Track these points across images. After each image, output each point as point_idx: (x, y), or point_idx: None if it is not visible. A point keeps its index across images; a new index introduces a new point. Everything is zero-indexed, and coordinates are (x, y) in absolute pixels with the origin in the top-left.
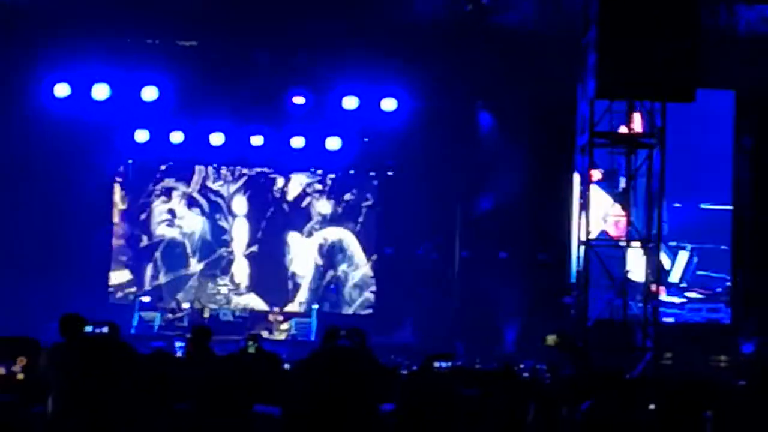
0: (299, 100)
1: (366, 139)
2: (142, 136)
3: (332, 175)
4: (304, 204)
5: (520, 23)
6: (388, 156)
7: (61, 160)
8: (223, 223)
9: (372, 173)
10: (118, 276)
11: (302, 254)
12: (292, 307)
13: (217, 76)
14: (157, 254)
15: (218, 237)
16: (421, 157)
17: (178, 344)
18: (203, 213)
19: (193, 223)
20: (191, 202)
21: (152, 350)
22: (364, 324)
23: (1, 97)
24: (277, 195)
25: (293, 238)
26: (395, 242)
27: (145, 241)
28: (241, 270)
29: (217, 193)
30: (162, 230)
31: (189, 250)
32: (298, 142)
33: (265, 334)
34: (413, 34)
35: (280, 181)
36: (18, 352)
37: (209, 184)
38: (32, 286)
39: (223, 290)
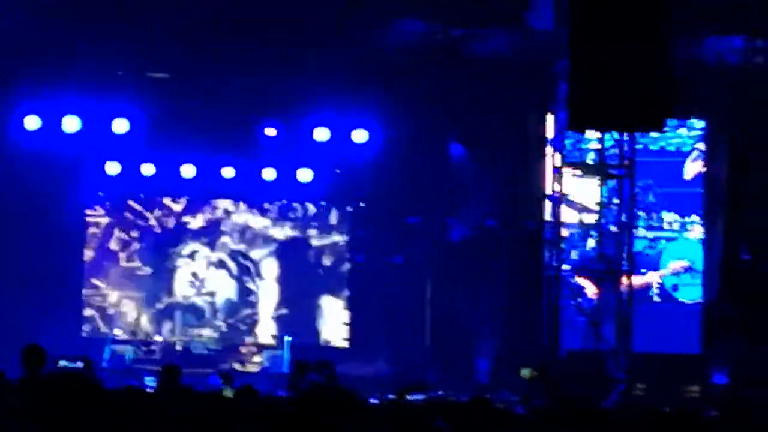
0: (270, 131)
1: (338, 171)
2: (113, 168)
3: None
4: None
5: (491, 53)
6: (360, 187)
7: (31, 193)
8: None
9: (346, 207)
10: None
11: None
12: (263, 339)
13: (187, 108)
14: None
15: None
16: (393, 188)
17: (148, 379)
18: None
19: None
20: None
21: (123, 386)
22: (337, 355)
23: None
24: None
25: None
26: (367, 272)
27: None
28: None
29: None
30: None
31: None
32: (269, 173)
33: (237, 366)
34: (384, 64)
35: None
36: None
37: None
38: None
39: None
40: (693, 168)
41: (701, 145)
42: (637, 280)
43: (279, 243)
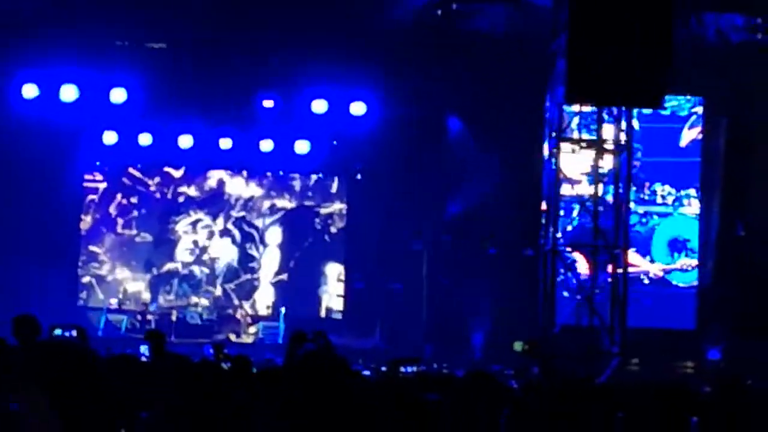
0: (268, 103)
1: (335, 143)
2: (110, 137)
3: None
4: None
5: (489, 29)
6: (357, 160)
7: (28, 162)
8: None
9: (340, 177)
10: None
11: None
12: (259, 310)
13: (186, 79)
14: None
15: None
16: (390, 161)
17: (143, 348)
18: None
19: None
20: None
21: (117, 354)
22: (332, 327)
23: None
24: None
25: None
26: (363, 245)
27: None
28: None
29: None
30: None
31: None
32: (266, 145)
33: (232, 337)
34: (383, 38)
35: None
36: None
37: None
38: None
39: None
40: (689, 135)
41: (699, 109)
42: (637, 264)
43: (280, 211)
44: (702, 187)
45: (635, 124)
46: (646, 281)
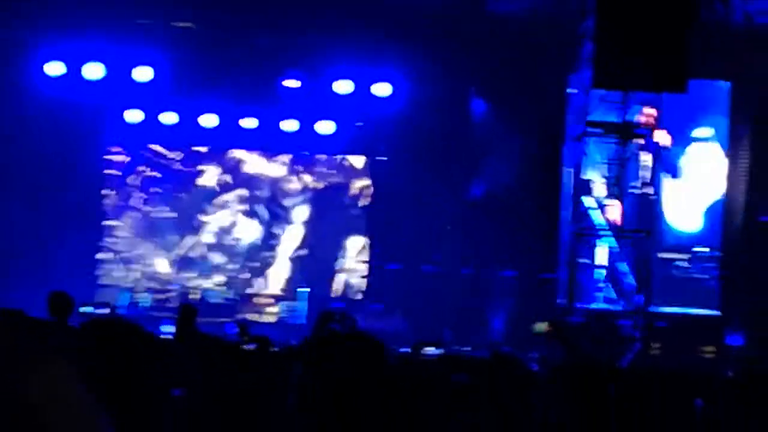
0: (293, 83)
1: (359, 124)
2: (134, 116)
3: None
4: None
5: (516, 11)
6: (381, 141)
7: (52, 139)
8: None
9: (366, 158)
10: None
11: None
12: (280, 289)
13: (210, 58)
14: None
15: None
16: (415, 143)
17: (164, 327)
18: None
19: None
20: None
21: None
22: (354, 308)
23: None
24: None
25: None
26: (386, 227)
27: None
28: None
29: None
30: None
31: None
32: (291, 125)
33: (254, 317)
34: (409, 19)
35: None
36: None
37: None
38: (20, 266)
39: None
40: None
41: None
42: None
43: (304, 191)
44: (728, 174)
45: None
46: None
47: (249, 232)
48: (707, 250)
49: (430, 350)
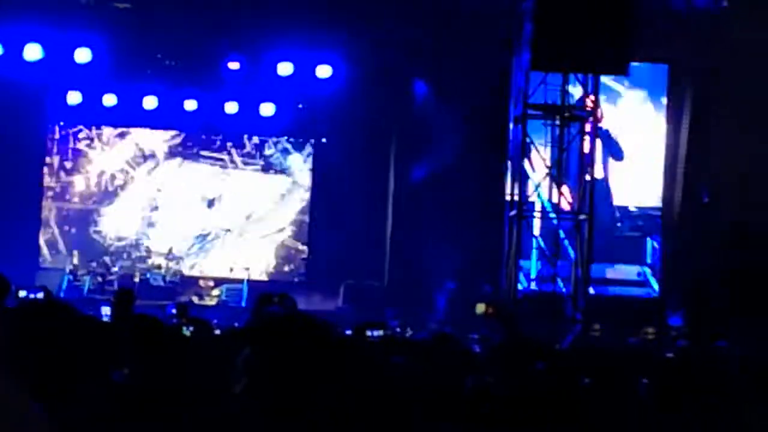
0: (234, 65)
1: (300, 106)
2: (74, 98)
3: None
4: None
5: None
6: (323, 123)
7: None
8: None
9: (307, 140)
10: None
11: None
12: (222, 273)
13: (151, 39)
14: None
15: None
16: (356, 124)
17: (104, 309)
18: None
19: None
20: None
21: (82, 315)
22: (295, 291)
23: None
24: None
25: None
26: (327, 209)
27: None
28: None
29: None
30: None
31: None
32: (231, 107)
33: (195, 299)
34: (350, 1)
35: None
36: None
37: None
38: None
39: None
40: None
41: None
42: None
43: (243, 173)
44: (666, 156)
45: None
46: None
47: (190, 214)
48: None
49: (373, 332)
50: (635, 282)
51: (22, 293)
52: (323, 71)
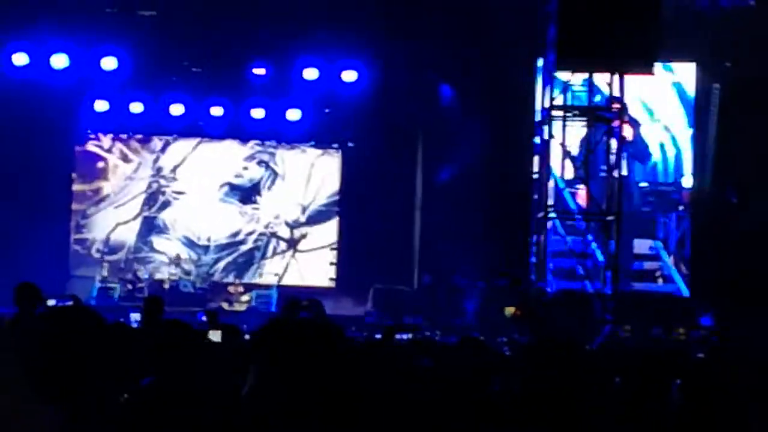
0: (260, 71)
1: (327, 111)
2: (101, 105)
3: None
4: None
5: None
6: (349, 127)
7: (20, 129)
8: None
9: (333, 145)
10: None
11: None
12: (252, 279)
13: (176, 46)
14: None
15: None
16: (382, 129)
17: (133, 316)
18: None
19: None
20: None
21: (112, 322)
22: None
23: None
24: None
25: None
26: (355, 213)
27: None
28: None
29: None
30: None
31: None
32: (258, 113)
33: (225, 305)
34: (374, 5)
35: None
36: None
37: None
38: None
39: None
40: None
41: None
42: None
43: (271, 179)
44: (694, 155)
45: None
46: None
47: (219, 220)
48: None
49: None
50: (648, 256)
51: (51, 302)
52: (349, 76)
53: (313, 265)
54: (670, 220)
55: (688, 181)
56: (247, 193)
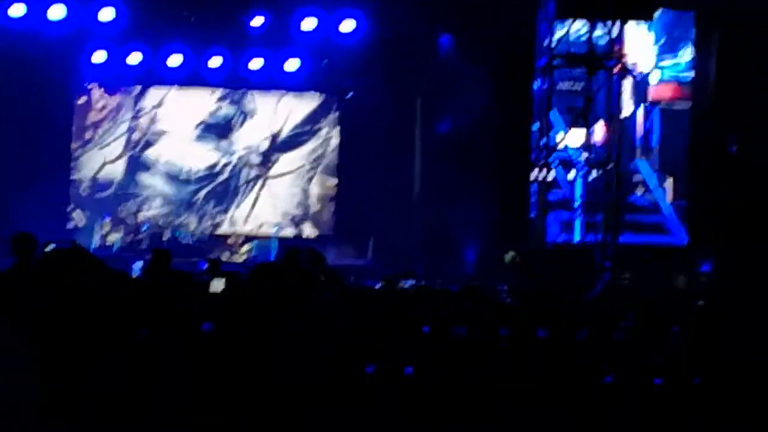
0: (258, 21)
1: (325, 61)
2: (99, 56)
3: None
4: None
5: None
6: (348, 78)
7: (17, 80)
8: None
9: (331, 95)
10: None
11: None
12: (252, 230)
13: None
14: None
15: None
16: (381, 80)
17: (135, 265)
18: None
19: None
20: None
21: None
22: (325, 245)
23: None
24: None
25: None
26: (355, 164)
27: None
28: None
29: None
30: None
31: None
32: (256, 63)
33: (225, 256)
34: None
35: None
36: None
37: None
38: None
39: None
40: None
41: None
42: None
43: (271, 129)
44: (693, 104)
45: None
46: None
47: (216, 172)
48: None
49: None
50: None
51: (50, 246)
52: (347, 26)
53: (284, 191)
54: None
55: None
56: (221, 130)
